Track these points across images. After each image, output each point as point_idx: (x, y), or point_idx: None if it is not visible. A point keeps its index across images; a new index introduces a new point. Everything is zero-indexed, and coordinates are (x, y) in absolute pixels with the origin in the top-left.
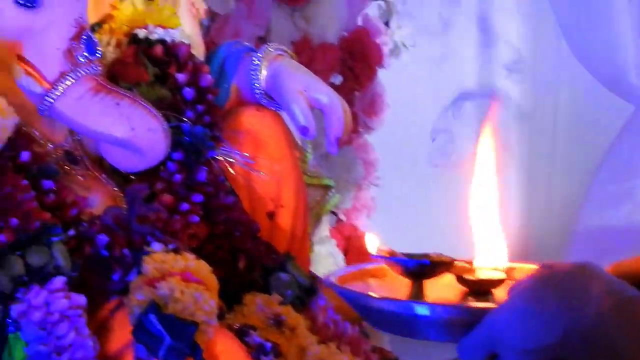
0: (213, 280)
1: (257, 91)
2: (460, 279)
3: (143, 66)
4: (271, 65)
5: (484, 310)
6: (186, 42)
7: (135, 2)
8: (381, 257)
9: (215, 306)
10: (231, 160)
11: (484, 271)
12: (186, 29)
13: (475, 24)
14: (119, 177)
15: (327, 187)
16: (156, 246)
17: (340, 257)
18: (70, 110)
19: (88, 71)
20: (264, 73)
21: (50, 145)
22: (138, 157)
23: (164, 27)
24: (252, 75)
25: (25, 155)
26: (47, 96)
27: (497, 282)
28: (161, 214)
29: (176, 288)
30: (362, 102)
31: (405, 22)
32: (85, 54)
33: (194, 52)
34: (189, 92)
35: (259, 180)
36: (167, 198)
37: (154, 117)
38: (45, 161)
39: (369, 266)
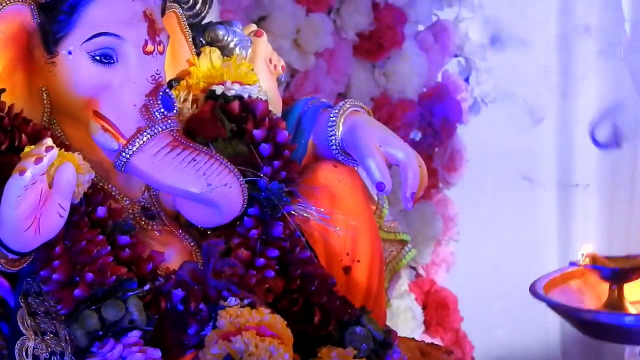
0: (288, 334)
1: (334, 147)
2: None
3: (220, 122)
4: (347, 121)
5: None
6: (263, 98)
7: (212, 58)
8: (578, 265)
9: None
10: (307, 215)
11: None
12: (263, 85)
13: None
14: (196, 232)
15: (403, 242)
16: (232, 301)
17: (418, 311)
18: (147, 166)
19: (165, 127)
20: (340, 129)
21: (127, 201)
22: (214, 213)
23: (241, 84)
24: (329, 131)
25: (101, 211)
26: (124, 152)
27: None
28: (237, 268)
29: (251, 342)
30: (441, 158)
31: (485, 79)
32: (162, 110)
33: (271, 108)
34: (265, 148)
35: (334, 235)
36: (243, 253)
37: (231, 173)
38: (122, 217)
39: (570, 269)
